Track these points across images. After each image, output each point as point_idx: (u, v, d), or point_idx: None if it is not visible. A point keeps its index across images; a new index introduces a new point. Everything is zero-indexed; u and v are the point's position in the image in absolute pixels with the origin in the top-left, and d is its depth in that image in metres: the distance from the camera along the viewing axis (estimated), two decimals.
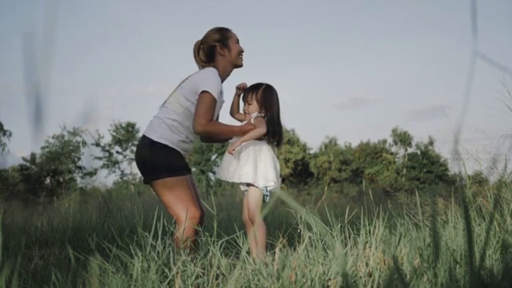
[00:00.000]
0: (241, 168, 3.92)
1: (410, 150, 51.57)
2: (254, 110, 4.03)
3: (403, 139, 51.42)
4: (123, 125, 46.72)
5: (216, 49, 4.11)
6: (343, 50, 66.05)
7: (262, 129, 3.89)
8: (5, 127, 30.95)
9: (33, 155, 34.74)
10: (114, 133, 46.43)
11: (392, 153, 51.58)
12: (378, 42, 64.91)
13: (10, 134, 31.22)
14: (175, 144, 3.93)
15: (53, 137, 36.28)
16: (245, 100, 4.11)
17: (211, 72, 3.96)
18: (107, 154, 45.95)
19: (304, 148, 49.84)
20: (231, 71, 4.17)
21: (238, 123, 4.13)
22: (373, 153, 51.27)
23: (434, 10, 64.26)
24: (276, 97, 4.09)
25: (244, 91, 4.14)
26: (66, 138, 36.74)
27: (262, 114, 3.99)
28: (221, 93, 3.99)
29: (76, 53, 60.09)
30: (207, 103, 3.82)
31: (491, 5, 58.13)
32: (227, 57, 4.11)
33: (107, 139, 47.13)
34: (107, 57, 62.20)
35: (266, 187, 3.90)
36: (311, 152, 51.15)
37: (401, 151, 52.07)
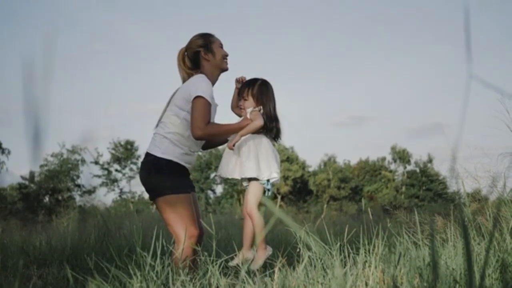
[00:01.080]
0: (243, 163, 3.93)
1: (409, 168, 51.58)
2: (250, 106, 4.05)
3: (402, 156, 51.45)
4: (122, 143, 46.75)
5: (201, 54, 4.14)
6: (342, 68, 66.28)
7: (259, 121, 3.90)
8: (4, 145, 30.92)
9: (32, 174, 34.68)
10: (113, 151, 46.45)
11: (391, 171, 51.58)
12: (377, 60, 65.17)
13: (9, 152, 31.17)
14: (179, 158, 3.95)
15: (52, 155, 36.25)
16: (241, 95, 4.13)
17: (200, 78, 3.98)
18: (106, 172, 45.92)
19: (303, 165, 49.84)
20: (218, 75, 4.20)
21: (236, 119, 4.15)
22: (372, 170, 51.26)
23: (432, 27, 64.60)
24: (272, 92, 4.13)
25: (240, 87, 4.18)
26: (65, 156, 36.71)
27: (258, 108, 4.00)
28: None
29: (75, 70, 60.29)
30: (202, 107, 3.84)
31: (488, 25, 58.50)
32: (212, 61, 4.13)
33: (106, 157, 47.17)
34: (106, 74, 62.37)
35: (268, 180, 3.91)
36: (310, 169, 51.15)
37: (400, 169, 52.07)
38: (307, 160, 51.42)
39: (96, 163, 44.80)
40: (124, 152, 46.55)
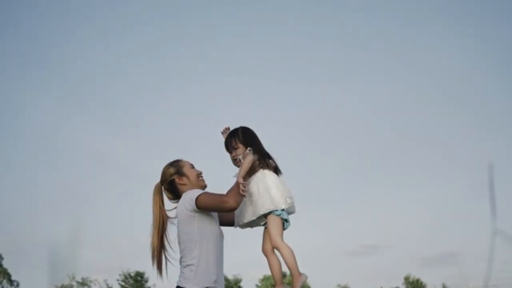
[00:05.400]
0: (256, 201, 3.91)
1: None
2: (242, 153, 4.06)
3: (416, 287, 50.33)
4: (132, 274, 46.17)
5: (176, 181, 4.17)
6: (353, 197, 66.43)
7: (249, 156, 3.93)
8: (13, 277, 30.71)
9: None
10: (122, 283, 45.80)
11: None
12: (388, 189, 65.38)
13: (18, 285, 30.92)
14: (212, 284, 3.91)
15: (61, 287, 35.80)
16: (230, 148, 4.14)
17: (183, 195, 4.05)
18: None
19: None
20: None
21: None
22: None
23: (442, 156, 65.31)
24: (255, 134, 4.19)
25: (225, 142, 4.20)
26: None
27: (248, 149, 4.02)
28: None
29: (83, 199, 60.67)
30: (209, 196, 3.91)
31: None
32: (188, 184, 4.14)
33: None
34: (115, 205, 62.70)
35: (283, 210, 3.90)
36: None
37: None
38: None
39: None
40: (134, 283, 45.89)
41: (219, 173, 4.38)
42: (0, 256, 39.84)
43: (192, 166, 4.27)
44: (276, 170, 4.12)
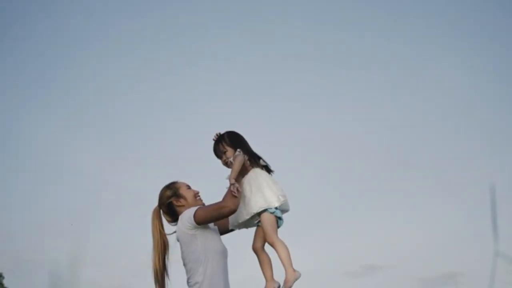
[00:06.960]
0: (249, 201, 3.92)
1: None
2: (231, 155, 4.07)
3: None
4: None
5: (174, 203, 4.16)
6: (352, 217, 65.95)
7: (239, 157, 3.95)
8: None
9: None
10: None
11: None
12: (388, 209, 64.94)
13: None
14: None
15: None
16: (219, 153, 4.16)
17: (181, 215, 4.06)
18: None
19: None
20: None
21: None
22: None
23: (443, 175, 64.94)
24: (241, 135, 4.21)
25: (214, 149, 4.22)
26: None
27: (237, 151, 4.04)
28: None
29: (85, 221, 60.28)
30: (205, 208, 3.93)
31: None
32: (186, 205, 4.13)
33: None
34: (116, 224, 62.32)
35: (276, 208, 3.90)
36: None
37: None
38: None
39: None
40: None
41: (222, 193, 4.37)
42: (1, 275, 39.66)
43: (189, 187, 4.27)
44: (268, 169, 4.14)
